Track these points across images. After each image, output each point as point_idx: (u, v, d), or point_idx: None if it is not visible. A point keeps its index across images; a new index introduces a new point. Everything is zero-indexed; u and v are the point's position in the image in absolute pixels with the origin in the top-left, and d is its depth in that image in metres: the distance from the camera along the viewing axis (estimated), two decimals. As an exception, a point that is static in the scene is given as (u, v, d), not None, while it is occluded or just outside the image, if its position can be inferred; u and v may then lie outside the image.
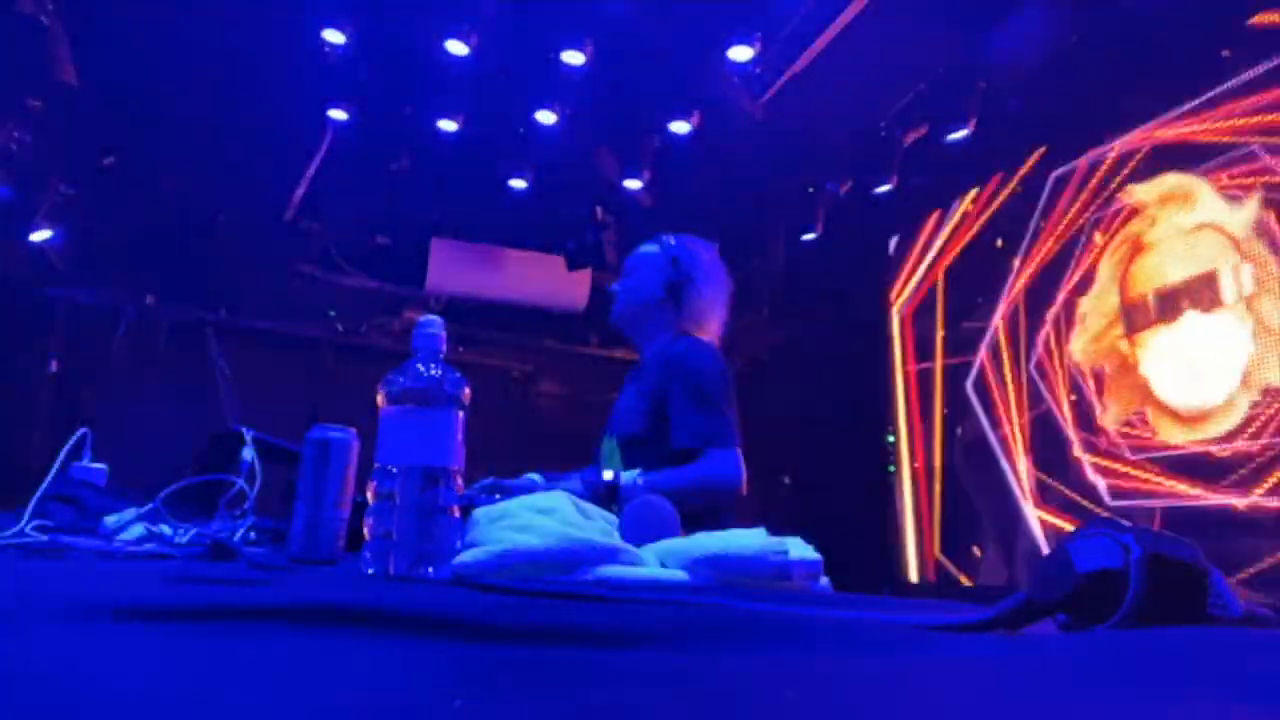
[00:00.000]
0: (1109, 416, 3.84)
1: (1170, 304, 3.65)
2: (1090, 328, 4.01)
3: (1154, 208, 3.82)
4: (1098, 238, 4.01)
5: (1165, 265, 3.74)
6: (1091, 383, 3.96)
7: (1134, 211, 3.91)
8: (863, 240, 5.21)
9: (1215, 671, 0.51)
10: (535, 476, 1.98)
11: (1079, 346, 4.06)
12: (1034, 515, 4.18)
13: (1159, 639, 0.61)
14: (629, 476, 1.81)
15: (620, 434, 2.04)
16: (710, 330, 2.13)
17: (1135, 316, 3.82)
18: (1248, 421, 3.27)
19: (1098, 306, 3.99)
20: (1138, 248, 3.87)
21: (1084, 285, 4.06)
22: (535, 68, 4.04)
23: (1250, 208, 3.38)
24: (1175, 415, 3.58)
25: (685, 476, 1.85)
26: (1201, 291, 3.52)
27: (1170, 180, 3.76)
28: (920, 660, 0.58)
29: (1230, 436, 3.32)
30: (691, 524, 1.32)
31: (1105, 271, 3.99)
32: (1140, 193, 3.90)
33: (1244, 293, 3.36)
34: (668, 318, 2.09)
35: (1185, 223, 3.66)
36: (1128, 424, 3.74)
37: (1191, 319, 3.56)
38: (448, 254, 5.39)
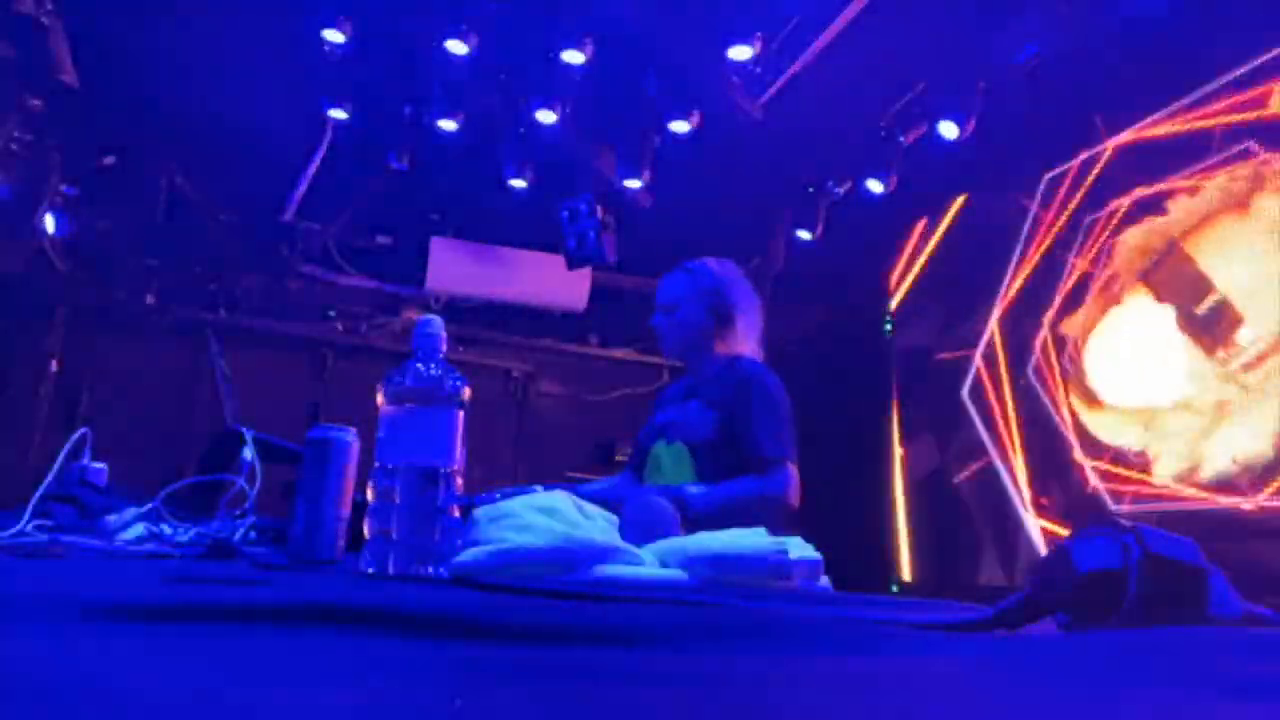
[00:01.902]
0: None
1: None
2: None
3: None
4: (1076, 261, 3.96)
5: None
6: None
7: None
8: (863, 240, 5.21)
9: (1215, 671, 0.51)
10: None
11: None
12: (1034, 524, 4.14)
13: (1159, 639, 0.61)
14: (695, 490, 1.99)
15: (691, 440, 2.18)
16: (754, 345, 2.36)
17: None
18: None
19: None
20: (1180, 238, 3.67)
21: (1077, 295, 4.02)
22: (535, 67, 4.04)
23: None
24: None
25: (747, 489, 2.04)
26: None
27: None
28: (920, 660, 0.58)
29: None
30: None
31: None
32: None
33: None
34: (714, 340, 2.31)
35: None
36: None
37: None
38: (448, 254, 5.38)
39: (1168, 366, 3.53)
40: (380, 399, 1.09)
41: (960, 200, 4.80)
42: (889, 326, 5.25)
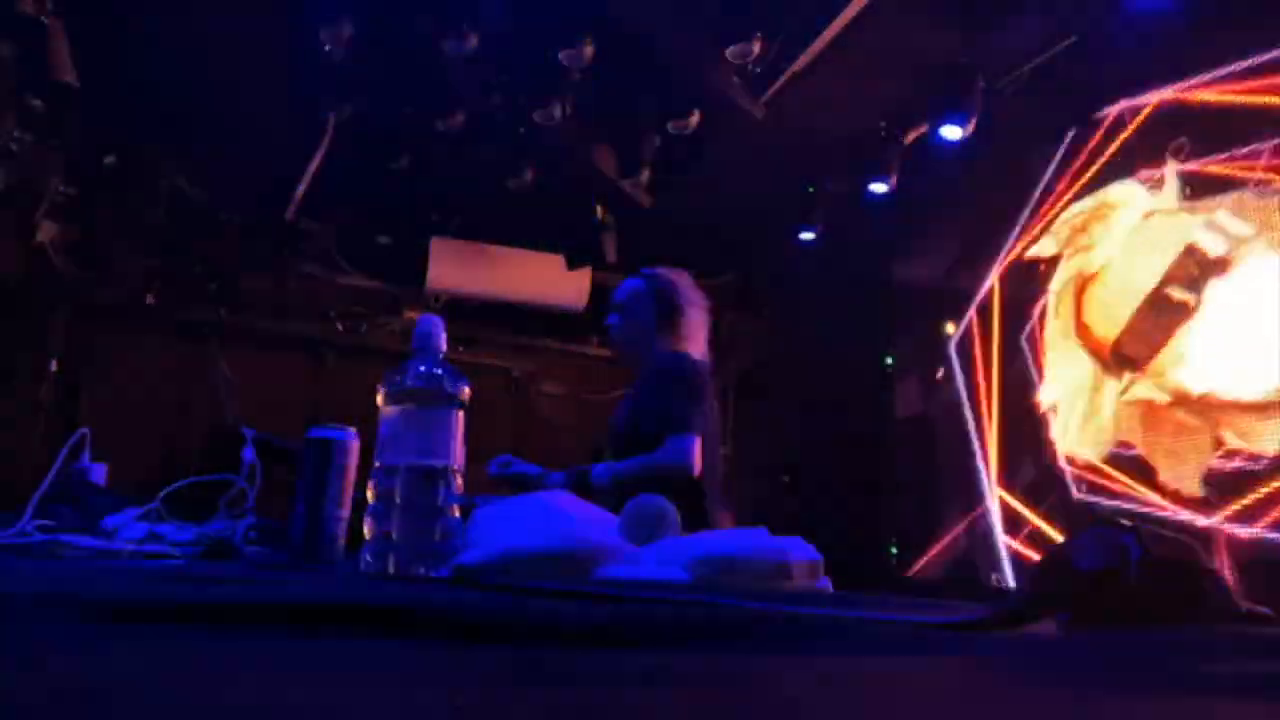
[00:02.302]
0: (1187, 479, 3.16)
1: (1170, 304, 3.27)
2: (1075, 412, 3.60)
3: (1078, 236, 3.68)
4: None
5: (1134, 271, 3.43)
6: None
7: (1053, 261, 3.80)
8: (863, 240, 5.21)
9: (1215, 671, 0.51)
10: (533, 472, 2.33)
11: (1071, 442, 3.62)
12: (995, 495, 4.12)
13: (1159, 639, 0.61)
14: (600, 467, 2.17)
15: (614, 437, 2.35)
16: (701, 347, 2.44)
17: (1135, 349, 3.40)
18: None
19: (1068, 384, 3.66)
20: (1081, 286, 3.67)
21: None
22: (535, 67, 4.04)
23: (1169, 182, 3.26)
24: (1266, 407, 2.95)
25: (640, 462, 2.16)
26: (1195, 267, 3.18)
27: (1089, 200, 3.67)
28: (920, 660, 0.58)
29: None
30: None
31: (1056, 344, 3.75)
32: (1048, 242, 3.79)
33: (1240, 235, 3.05)
34: (659, 339, 2.41)
35: (1130, 222, 3.48)
36: (1220, 459, 3.08)
37: (1213, 295, 3.10)
38: (448, 254, 5.38)
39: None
40: (380, 399, 1.09)
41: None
42: (889, 362, 5.24)
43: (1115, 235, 3.61)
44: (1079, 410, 3.67)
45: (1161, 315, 3.34)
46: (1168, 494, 3.27)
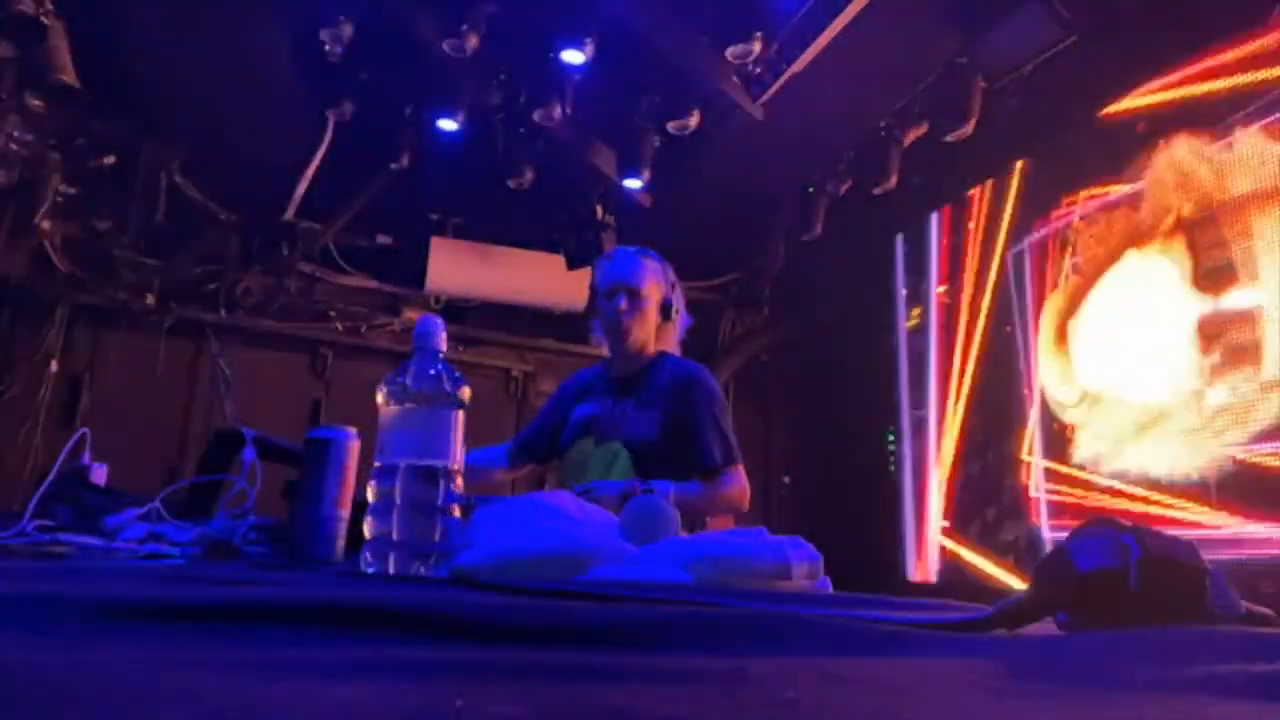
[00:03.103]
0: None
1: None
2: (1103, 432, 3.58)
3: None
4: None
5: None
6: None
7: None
8: (863, 240, 5.21)
9: (1215, 671, 0.51)
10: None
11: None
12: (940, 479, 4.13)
13: (1159, 639, 0.61)
14: (663, 489, 1.96)
15: (632, 440, 2.15)
16: (676, 342, 2.34)
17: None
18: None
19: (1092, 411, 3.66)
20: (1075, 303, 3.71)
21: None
22: (535, 67, 4.04)
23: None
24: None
25: (708, 490, 2.07)
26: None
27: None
28: (920, 660, 0.58)
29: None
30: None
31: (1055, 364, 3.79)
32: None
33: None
34: (663, 338, 2.28)
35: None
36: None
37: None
38: (448, 254, 5.38)
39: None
40: (380, 399, 1.09)
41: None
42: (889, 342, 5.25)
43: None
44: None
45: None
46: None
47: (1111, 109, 3.83)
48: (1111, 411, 3.57)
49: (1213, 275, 3.20)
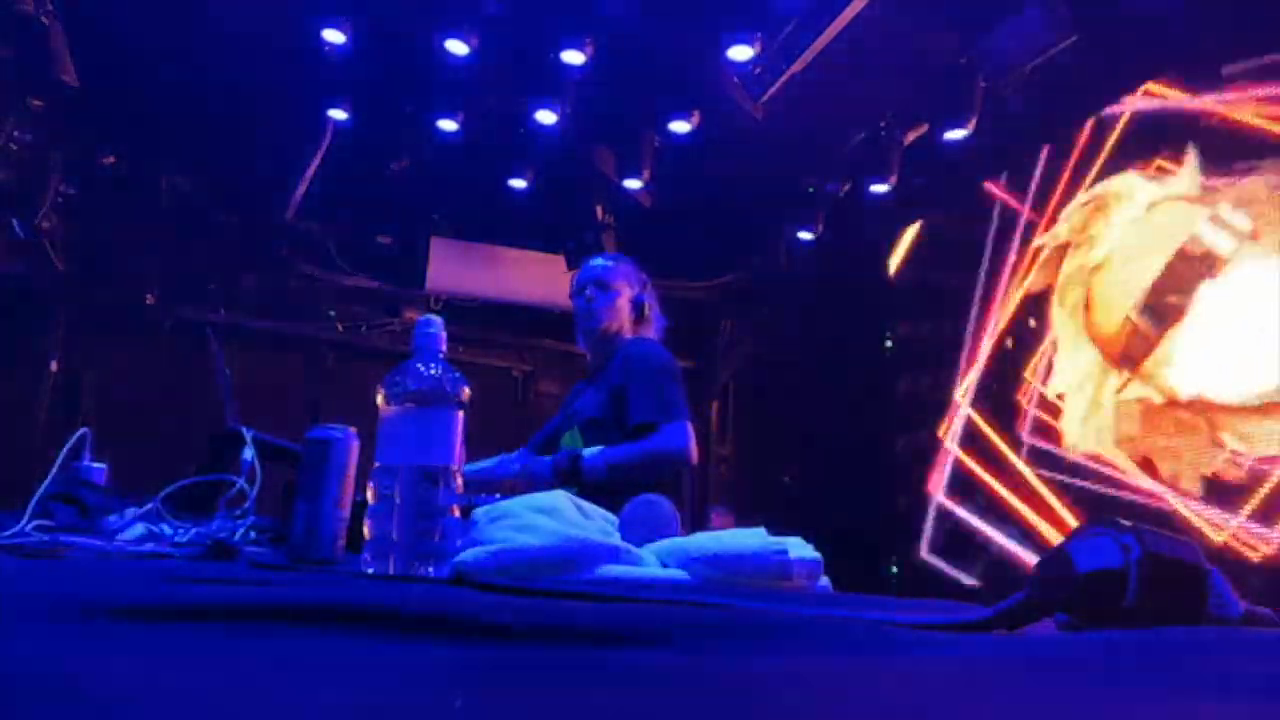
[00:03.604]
0: (1185, 477, 3.19)
1: (1164, 303, 3.25)
2: (1078, 404, 3.59)
3: (1083, 229, 3.66)
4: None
5: (1133, 268, 3.39)
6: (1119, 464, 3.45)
7: (1063, 248, 3.79)
8: (863, 240, 5.21)
9: (1215, 671, 0.51)
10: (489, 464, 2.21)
11: (1074, 435, 3.63)
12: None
13: (1159, 639, 0.61)
14: (590, 452, 2.05)
15: (582, 419, 2.26)
16: (655, 334, 2.42)
17: (1130, 348, 3.39)
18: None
19: (1074, 373, 3.64)
20: (1087, 276, 3.65)
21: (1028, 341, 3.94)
22: (535, 67, 4.04)
23: (1188, 163, 3.24)
24: (1263, 409, 2.93)
25: (640, 448, 2.08)
26: (1193, 263, 3.15)
27: (1091, 191, 3.66)
28: (920, 660, 0.58)
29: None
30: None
31: (1064, 332, 3.73)
32: (1062, 228, 3.78)
33: (1241, 231, 3.01)
34: (630, 327, 2.38)
35: (1132, 215, 3.45)
36: (1222, 464, 3.06)
37: (1205, 295, 3.09)
38: (448, 254, 5.39)
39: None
40: (380, 399, 1.09)
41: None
42: (889, 343, 5.25)
43: (1115, 229, 3.59)
44: (1082, 404, 3.66)
45: (1154, 317, 3.34)
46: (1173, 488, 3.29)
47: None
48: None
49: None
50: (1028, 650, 0.65)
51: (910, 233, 5.07)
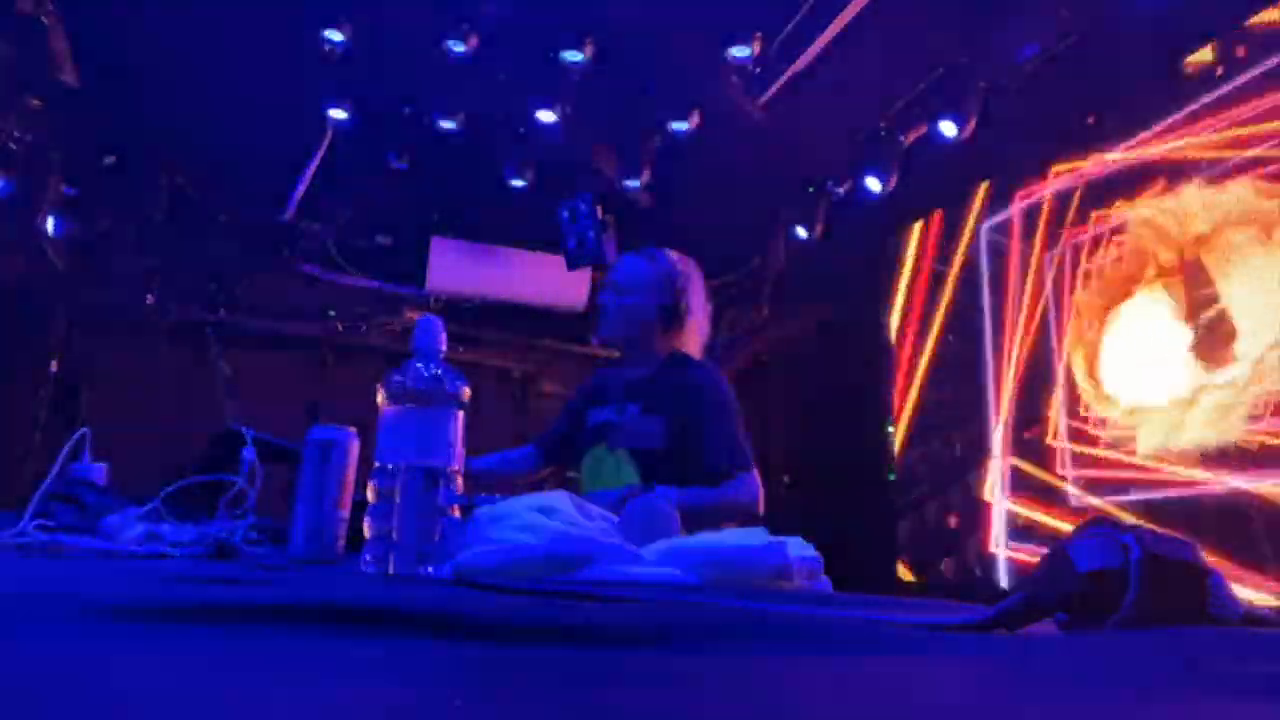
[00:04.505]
0: None
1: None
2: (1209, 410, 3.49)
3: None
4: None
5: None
6: None
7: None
8: (863, 240, 5.21)
9: (1215, 671, 0.51)
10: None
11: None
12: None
13: (1159, 639, 0.61)
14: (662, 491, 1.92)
15: (635, 448, 2.11)
16: (697, 348, 2.25)
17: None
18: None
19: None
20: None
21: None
22: (535, 67, 4.04)
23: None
24: None
25: (715, 496, 2.00)
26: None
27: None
28: (920, 660, 0.58)
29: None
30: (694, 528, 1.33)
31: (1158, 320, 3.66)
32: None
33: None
34: (659, 336, 2.19)
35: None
36: None
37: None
38: (448, 254, 5.38)
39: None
40: (380, 399, 1.09)
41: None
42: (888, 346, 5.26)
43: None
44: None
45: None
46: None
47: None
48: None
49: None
50: (1028, 650, 0.65)
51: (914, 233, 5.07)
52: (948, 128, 4.00)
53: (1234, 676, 0.50)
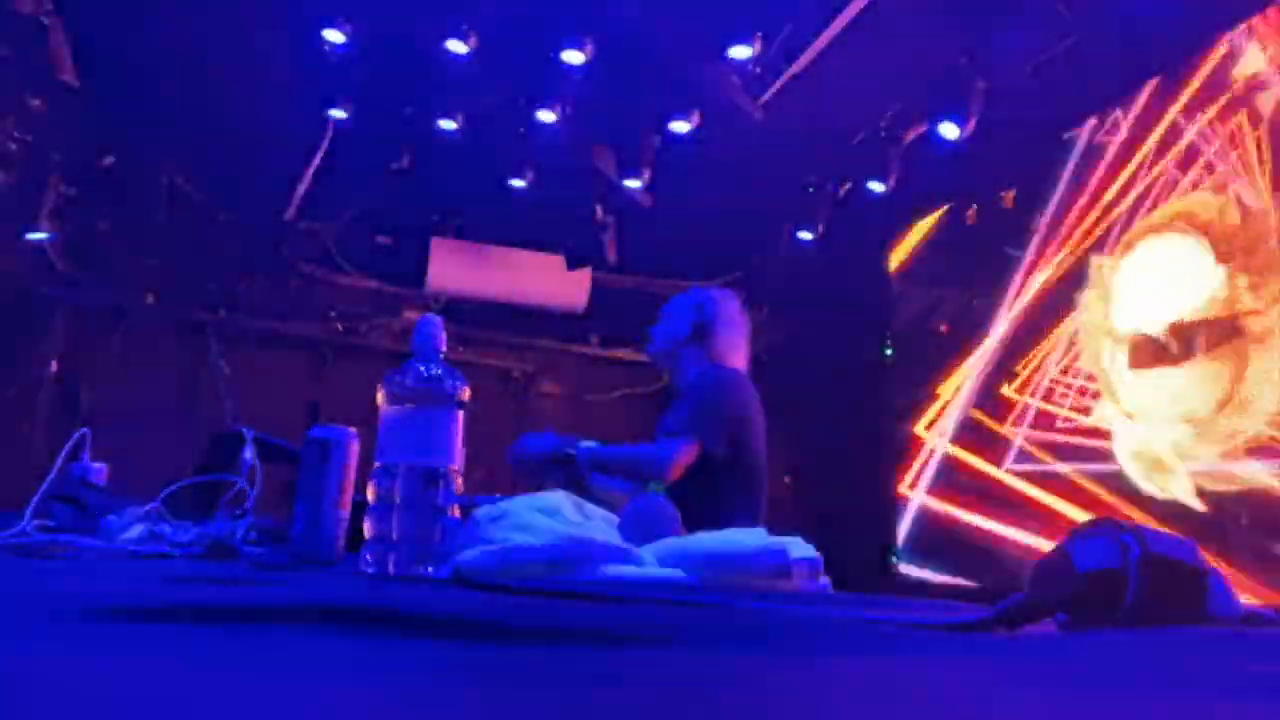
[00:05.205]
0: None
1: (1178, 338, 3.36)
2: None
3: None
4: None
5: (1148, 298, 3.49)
6: None
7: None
8: (863, 240, 5.21)
9: (1215, 671, 0.51)
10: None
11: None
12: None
13: (1159, 639, 0.61)
14: (587, 444, 2.23)
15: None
16: (737, 360, 2.50)
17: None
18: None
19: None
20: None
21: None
22: (535, 67, 4.04)
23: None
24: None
25: (624, 451, 2.27)
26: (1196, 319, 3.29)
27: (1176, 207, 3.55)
28: (920, 660, 0.58)
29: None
30: (695, 525, 1.33)
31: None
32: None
33: (1246, 308, 3.14)
34: (696, 354, 2.45)
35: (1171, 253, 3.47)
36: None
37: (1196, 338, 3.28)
38: (448, 254, 5.38)
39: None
40: (380, 399, 1.09)
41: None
42: (889, 351, 5.26)
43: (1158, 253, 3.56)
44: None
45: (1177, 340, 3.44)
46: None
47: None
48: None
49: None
50: (1028, 650, 0.65)
51: (918, 229, 5.07)
52: (948, 128, 4.00)
53: (1234, 676, 0.50)
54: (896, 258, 5.24)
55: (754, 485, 2.33)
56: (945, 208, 4.86)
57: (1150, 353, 3.53)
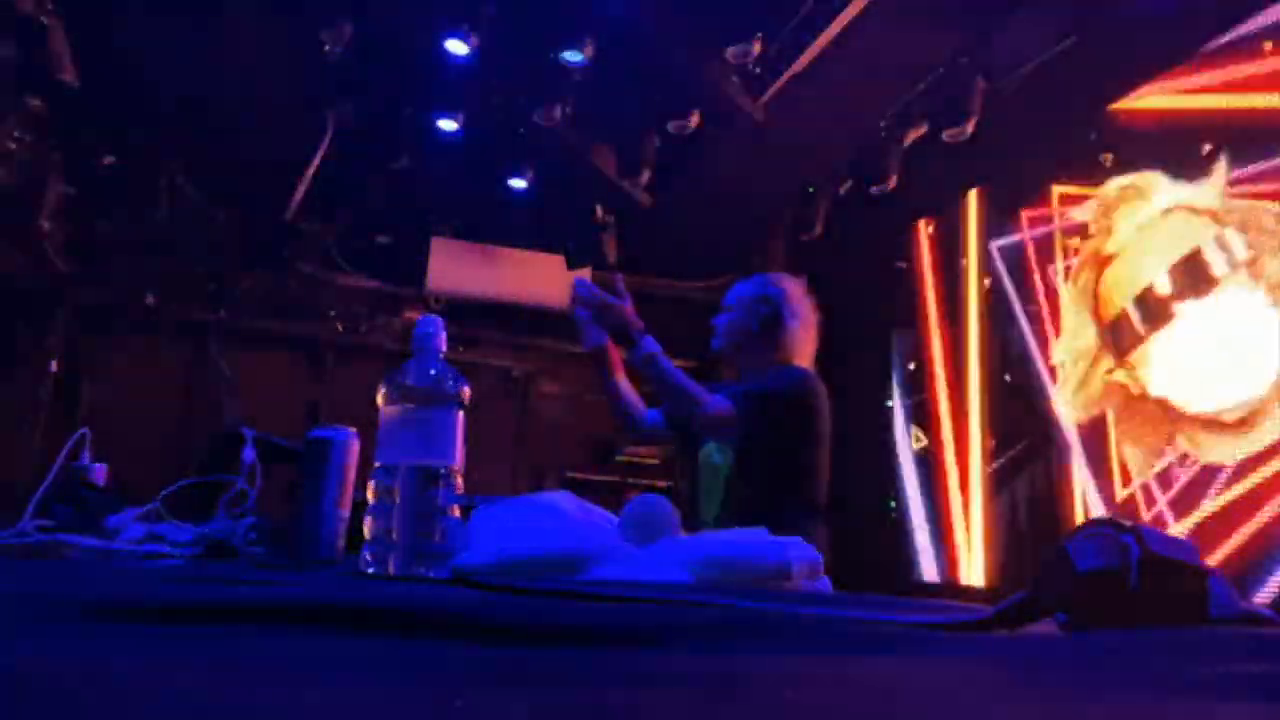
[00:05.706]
0: (1135, 465, 3.44)
1: (1157, 305, 3.37)
2: (1072, 377, 3.76)
3: (1104, 216, 3.66)
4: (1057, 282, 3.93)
5: (1137, 267, 3.49)
6: (1079, 443, 3.71)
7: (1082, 229, 3.79)
8: (863, 240, 5.21)
9: (1215, 671, 0.51)
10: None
11: (1065, 401, 3.78)
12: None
13: (1159, 639, 0.61)
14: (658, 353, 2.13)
15: (726, 445, 2.25)
16: (804, 357, 2.42)
17: (1120, 337, 3.53)
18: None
19: (1073, 349, 3.76)
20: (1100, 263, 3.68)
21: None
22: (535, 68, 4.04)
23: (1217, 172, 3.22)
24: (1217, 424, 3.13)
25: (691, 384, 2.16)
26: (1188, 277, 3.26)
27: (1118, 182, 3.64)
28: (920, 660, 0.58)
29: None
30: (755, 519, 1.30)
31: (1070, 308, 3.81)
32: (1087, 209, 3.79)
33: (1237, 260, 3.10)
34: (762, 348, 2.36)
35: (1147, 216, 3.48)
36: (1165, 467, 3.30)
37: (1189, 310, 3.25)
38: (448, 253, 5.38)
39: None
40: (380, 399, 1.09)
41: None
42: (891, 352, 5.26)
43: (1133, 223, 3.59)
44: (1076, 375, 3.79)
45: (1146, 314, 3.48)
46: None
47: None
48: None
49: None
50: (1028, 650, 0.65)
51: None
52: (947, 128, 4.00)
53: (1234, 677, 0.50)
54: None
55: (809, 488, 2.24)
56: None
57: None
